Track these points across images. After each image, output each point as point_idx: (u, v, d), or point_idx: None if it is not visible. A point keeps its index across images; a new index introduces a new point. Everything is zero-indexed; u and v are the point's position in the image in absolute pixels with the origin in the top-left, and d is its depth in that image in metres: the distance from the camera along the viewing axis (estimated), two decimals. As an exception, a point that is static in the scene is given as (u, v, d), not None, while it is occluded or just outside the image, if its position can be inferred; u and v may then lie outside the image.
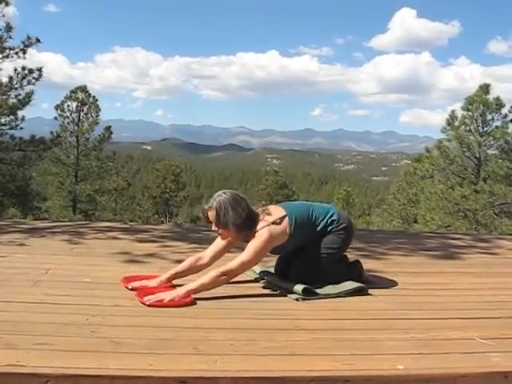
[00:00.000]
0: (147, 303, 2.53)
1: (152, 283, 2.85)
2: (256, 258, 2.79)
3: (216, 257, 2.96)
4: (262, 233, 2.79)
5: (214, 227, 2.86)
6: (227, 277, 2.72)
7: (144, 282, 2.86)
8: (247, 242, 2.84)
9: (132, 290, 2.77)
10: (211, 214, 2.83)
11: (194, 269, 2.92)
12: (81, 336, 2.06)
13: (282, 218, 2.87)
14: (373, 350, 2.05)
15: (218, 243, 2.97)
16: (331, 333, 2.25)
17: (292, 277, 2.90)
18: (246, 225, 2.82)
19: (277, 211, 2.92)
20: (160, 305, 2.52)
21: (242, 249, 2.83)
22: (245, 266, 2.78)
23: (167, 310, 2.47)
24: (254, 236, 2.81)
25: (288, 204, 3.12)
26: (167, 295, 2.58)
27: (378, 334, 2.23)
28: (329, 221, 2.99)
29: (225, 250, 2.98)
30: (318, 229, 2.96)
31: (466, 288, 3.20)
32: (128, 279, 2.92)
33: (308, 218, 2.97)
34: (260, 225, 2.83)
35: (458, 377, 1.86)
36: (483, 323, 2.46)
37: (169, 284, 2.84)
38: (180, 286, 2.72)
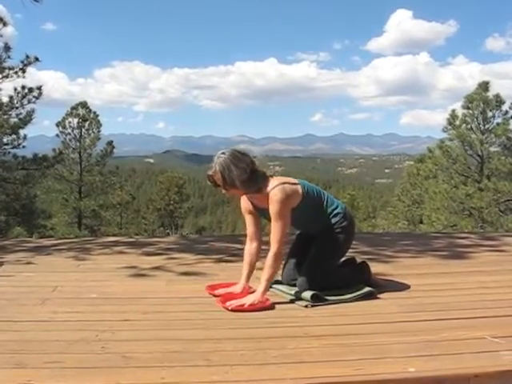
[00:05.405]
0: (229, 308, 2.62)
1: (237, 289, 2.91)
2: (285, 220, 2.77)
3: (258, 231, 3.01)
4: (275, 193, 2.75)
5: (223, 190, 2.83)
6: (279, 256, 2.78)
7: (230, 289, 2.93)
8: (260, 195, 2.83)
9: (218, 296, 2.85)
10: (217, 178, 2.77)
11: (256, 255, 2.98)
12: (91, 352, 2.06)
13: (294, 183, 2.88)
14: (383, 353, 2.04)
15: (249, 220, 3.01)
16: (341, 338, 2.24)
17: (299, 284, 2.89)
18: (253, 179, 2.78)
19: (289, 178, 2.94)
20: (242, 309, 2.61)
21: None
22: (283, 236, 2.77)
23: (176, 323, 2.48)
24: (267, 195, 2.78)
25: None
26: (248, 300, 2.67)
27: (387, 338, 2.22)
28: (334, 211, 2.98)
29: (258, 220, 3.01)
30: (324, 214, 2.96)
31: (474, 287, 3.19)
32: (212, 287, 3.02)
33: (319, 197, 2.98)
34: (272, 183, 2.80)
35: (471, 377, 1.85)
36: (494, 322, 2.45)
37: (252, 289, 2.87)
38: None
